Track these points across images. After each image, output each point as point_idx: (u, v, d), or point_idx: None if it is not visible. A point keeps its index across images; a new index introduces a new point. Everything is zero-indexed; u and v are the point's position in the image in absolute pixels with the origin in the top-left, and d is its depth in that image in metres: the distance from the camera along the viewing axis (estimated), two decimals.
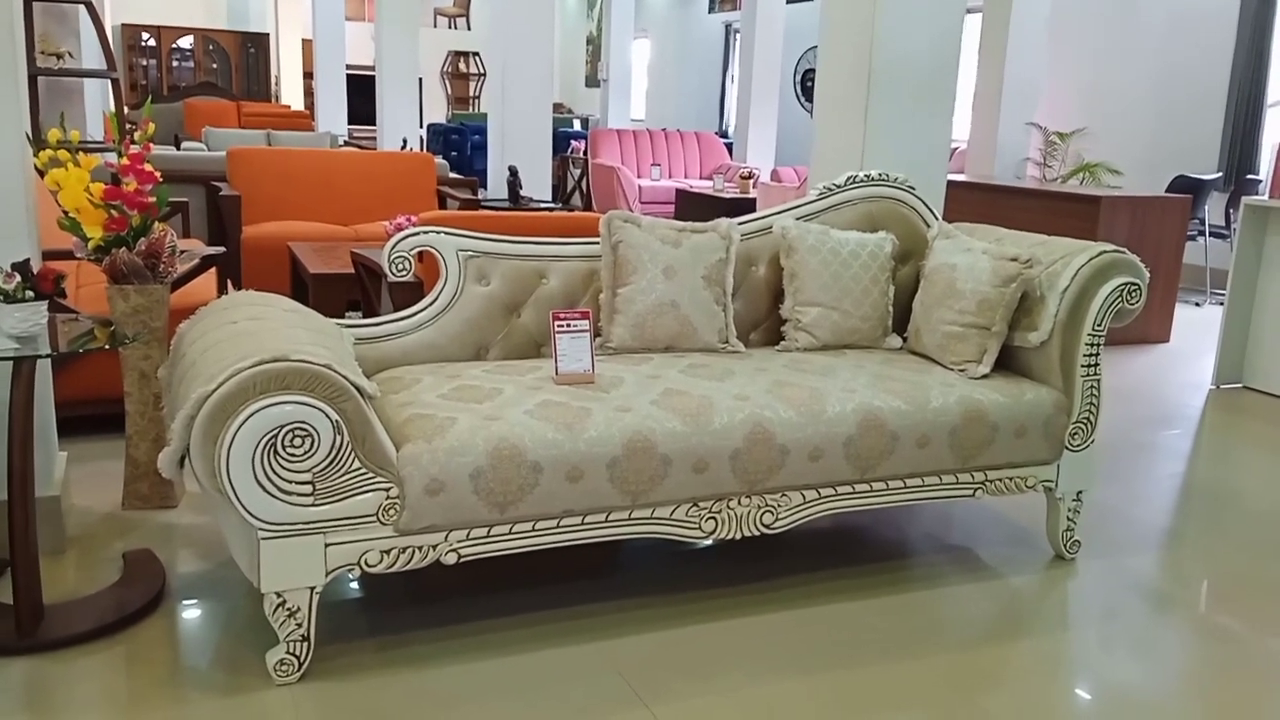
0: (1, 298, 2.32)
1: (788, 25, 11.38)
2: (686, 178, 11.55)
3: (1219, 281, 7.72)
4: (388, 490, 2.25)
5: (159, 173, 2.99)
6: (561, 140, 12.62)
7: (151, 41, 16.45)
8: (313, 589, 2.23)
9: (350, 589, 2.73)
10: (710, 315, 3.04)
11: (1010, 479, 2.95)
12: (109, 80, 7.44)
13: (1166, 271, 6.22)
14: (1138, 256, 3.02)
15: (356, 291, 4.63)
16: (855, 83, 3.85)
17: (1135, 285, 2.95)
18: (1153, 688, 2.45)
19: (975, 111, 8.82)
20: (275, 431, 2.11)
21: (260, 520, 2.15)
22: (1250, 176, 8.04)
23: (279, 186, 6.21)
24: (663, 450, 2.48)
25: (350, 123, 12.53)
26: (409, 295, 3.41)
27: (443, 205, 6.60)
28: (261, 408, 2.09)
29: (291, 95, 16.33)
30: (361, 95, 13.08)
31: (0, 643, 2.34)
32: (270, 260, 5.63)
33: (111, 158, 2.99)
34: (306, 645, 2.27)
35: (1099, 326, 2.93)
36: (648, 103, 17.06)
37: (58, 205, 2.88)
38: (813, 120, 4.13)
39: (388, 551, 2.29)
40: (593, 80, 17.73)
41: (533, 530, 2.43)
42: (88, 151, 2.93)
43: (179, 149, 9.36)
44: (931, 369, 3.00)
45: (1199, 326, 6.76)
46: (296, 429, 2.12)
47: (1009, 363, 3.08)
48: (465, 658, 2.41)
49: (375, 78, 10.09)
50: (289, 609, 2.23)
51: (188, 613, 2.58)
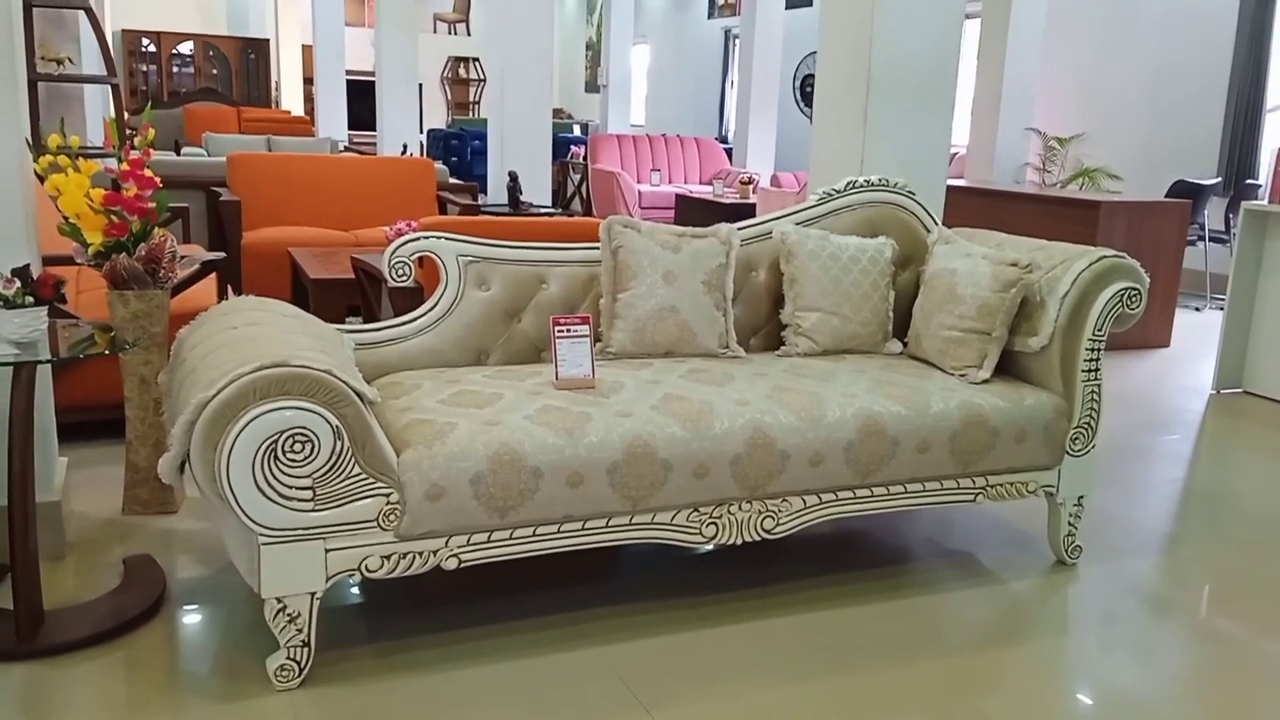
0: (2, 303, 2.32)
1: (787, 30, 11.40)
2: (686, 183, 11.56)
3: (1219, 286, 7.73)
4: (388, 495, 2.25)
5: (159, 178, 2.99)
6: (561, 145, 12.64)
7: (151, 47, 16.47)
8: (313, 594, 2.23)
9: (351, 594, 2.73)
10: (710, 320, 3.04)
11: (1011, 484, 2.95)
12: (109, 86, 7.44)
13: (1166, 276, 6.23)
14: (1137, 261, 3.02)
15: (356, 297, 4.64)
16: (854, 88, 3.86)
17: (1135, 290, 2.95)
18: (1152, 691, 2.45)
19: (974, 116, 8.83)
20: (275, 437, 2.11)
21: (260, 525, 2.15)
22: (1250, 181, 8.05)
23: (279, 192, 6.21)
24: (663, 455, 2.48)
25: (350, 128, 12.55)
26: (409, 300, 3.41)
27: (443, 210, 6.60)
28: (262, 413, 2.09)
29: (291, 101, 16.35)
30: (361, 101, 13.10)
31: (0, 648, 2.34)
32: (270, 265, 5.63)
33: (112, 163, 2.99)
34: (307, 651, 2.27)
35: (1099, 331, 2.93)
36: (647, 108, 17.08)
37: (58, 211, 2.89)
38: (812, 125, 4.14)
39: (388, 557, 2.29)
40: (592, 85, 17.75)
41: (533, 535, 2.43)
42: (88, 157, 2.93)
43: (179, 154, 9.37)
44: (932, 374, 3.00)
45: (1199, 331, 6.76)
46: (297, 434, 2.12)
47: (1009, 368, 3.08)
48: (466, 663, 2.41)
49: (375, 83, 10.10)
50: (289, 614, 2.22)
51: (188, 618, 2.57)
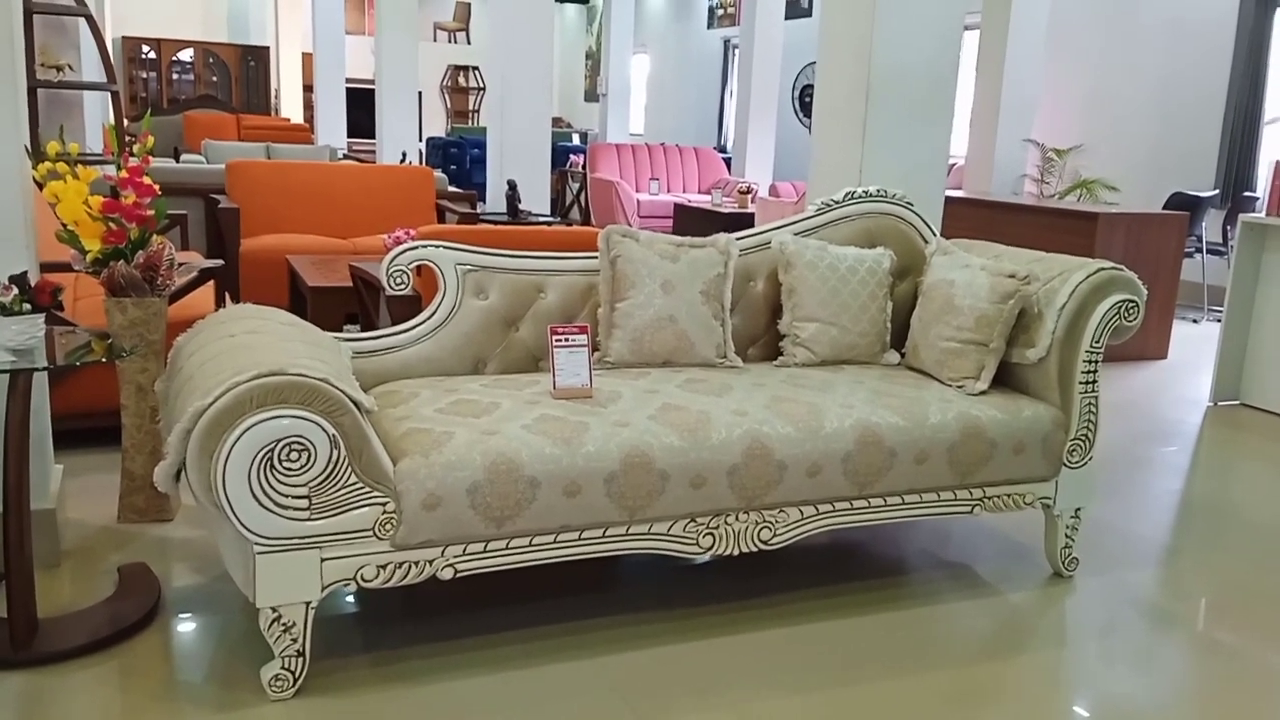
0: None
1: (786, 40, 11.43)
2: (685, 192, 11.57)
3: (1216, 298, 7.74)
4: (384, 505, 2.25)
5: (158, 185, 3.00)
6: (560, 154, 12.65)
7: (152, 54, 16.49)
8: (308, 604, 2.22)
9: (346, 604, 2.72)
10: (708, 330, 3.04)
11: (1008, 496, 2.95)
12: (109, 93, 7.45)
13: (1164, 288, 6.23)
14: (1135, 273, 3.03)
15: (354, 305, 4.63)
16: (853, 98, 3.86)
17: (1133, 302, 2.95)
18: (1151, 703, 2.44)
19: (973, 127, 8.85)
20: (272, 445, 2.11)
21: (256, 535, 2.14)
22: (1247, 193, 8.06)
23: (278, 199, 6.21)
24: (660, 465, 2.48)
25: (349, 136, 12.56)
26: (407, 309, 3.41)
27: (441, 219, 6.61)
28: (258, 422, 2.09)
29: (291, 108, 16.36)
30: (361, 108, 13.12)
31: None
32: (269, 273, 5.63)
33: (110, 170, 2.99)
34: (302, 660, 2.26)
35: (1097, 343, 2.93)
36: (646, 117, 17.11)
37: (56, 218, 2.88)
38: (811, 135, 4.14)
39: (384, 566, 2.28)
40: (592, 95, 17.79)
41: (530, 545, 2.42)
42: (86, 164, 2.94)
43: (178, 161, 9.37)
44: (929, 385, 3.00)
45: (1196, 343, 6.76)
46: (293, 443, 2.12)
47: (1007, 379, 3.08)
48: (462, 674, 2.40)
49: (375, 91, 10.12)
50: (284, 624, 2.22)
51: (183, 627, 2.56)
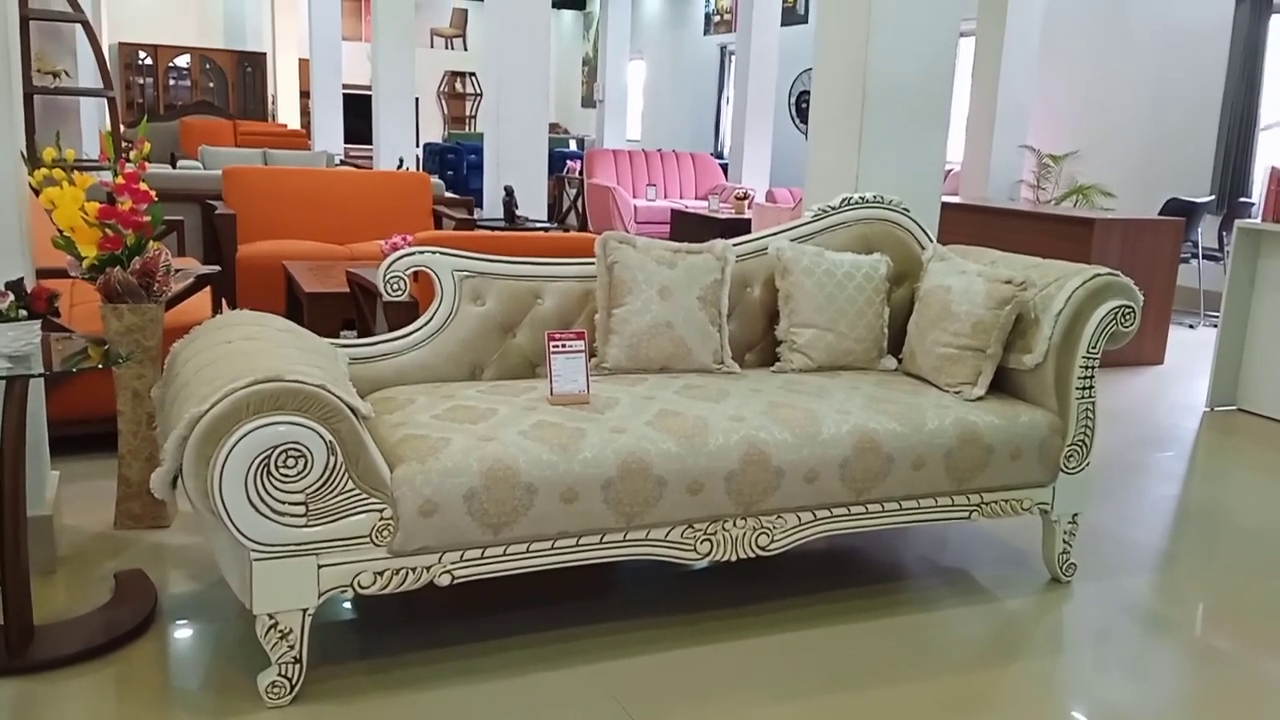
0: None
1: (782, 47, 11.45)
2: (682, 198, 11.58)
3: (1212, 304, 7.75)
4: (381, 511, 2.24)
5: (154, 191, 2.99)
6: (557, 160, 12.67)
7: (148, 60, 16.48)
8: (305, 610, 2.22)
9: (343, 610, 2.72)
10: (705, 336, 3.04)
11: (1006, 501, 2.95)
12: (105, 99, 7.46)
13: (1160, 294, 6.24)
14: (1131, 279, 3.03)
15: (351, 311, 4.63)
16: (850, 105, 3.87)
17: (1129, 308, 2.96)
18: (1148, 710, 2.44)
19: (969, 133, 8.86)
20: (269, 452, 2.10)
21: (253, 541, 2.14)
22: (1243, 199, 8.08)
23: (274, 205, 6.21)
24: (657, 471, 2.48)
25: (346, 142, 12.55)
26: (404, 315, 3.41)
27: (438, 225, 6.61)
28: (255, 428, 2.09)
29: (288, 114, 16.36)
30: (358, 114, 13.10)
31: None
32: (265, 279, 5.63)
33: (107, 176, 2.99)
34: (299, 667, 2.25)
35: (1093, 349, 2.93)
36: (643, 123, 17.13)
37: (52, 224, 2.88)
38: (807, 142, 4.15)
39: (381, 573, 2.28)
40: (588, 101, 17.81)
41: (527, 552, 2.42)
42: (83, 170, 2.93)
43: (175, 167, 9.37)
44: (926, 391, 3.00)
45: (1193, 348, 6.77)
46: (290, 449, 2.12)
47: (1004, 385, 3.08)
48: (459, 680, 2.39)
49: (371, 97, 10.12)
50: (281, 630, 2.21)
51: (179, 634, 2.56)
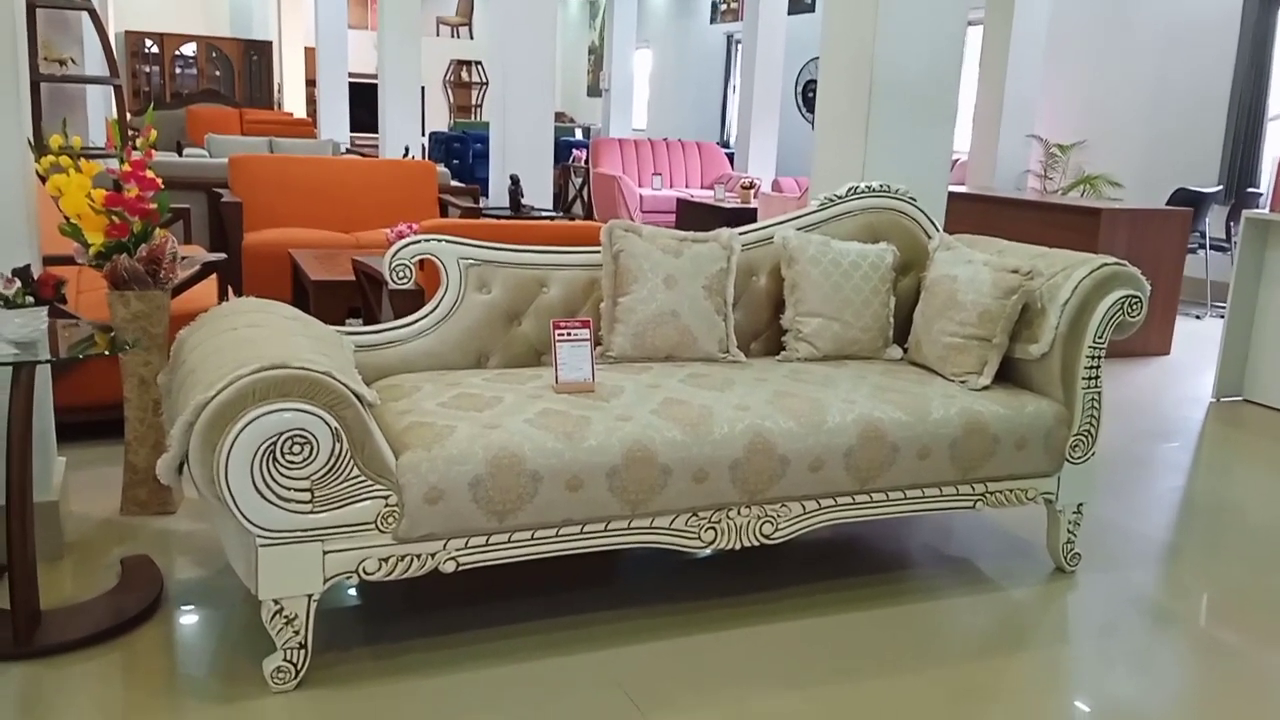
0: (2, 303, 2.32)
1: (789, 36, 11.41)
2: (688, 187, 11.57)
3: (1219, 294, 7.73)
4: (386, 498, 2.25)
5: (160, 179, 2.99)
6: (563, 149, 12.65)
7: (154, 48, 16.48)
8: (310, 596, 2.23)
9: (348, 596, 2.73)
10: (711, 325, 3.04)
11: (1010, 491, 2.95)
12: (111, 87, 7.45)
13: (1167, 284, 6.22)
14: (1138, 269, 3.02)
15: (357, 299, 4.64)
16: (856, 94, 3.86)
17: (1136, 298, 2.95)
18: (1152, 702, 2.44)
19: (976, 123, 8.83)
20: (274, 438, 2.11)
21: (258, 527, 2.15)
22: (1251, 189, 8.05)
23: (281, 194, 6.21)
24: (662, 460, 2.48)
25: (352, 130, 12.55)
26: (410, 303, 3.41)
27: (444, 213, 6.61)
28: (261, 415, 2.09)
29: (294, 103, 16.36)
30: (364, 103, 13.13)
31: None
32: (271, 267, 5.63)
33: (113, 164, 2.99)
34: (304, 653, 2.26)
35: (1100, 339, 2.92)
36: (649, 112, 17.10)
37: (59, 211, 2.89)
38: (814, 131, 4.14)
39: (386, 559, 2.28)
40: (594, 90, 17.77)
41: (532, 539, 2.42)
42: (89, 158, 2.93)
43: (181, 155, 9.37)
44: (932, 380, 3.00)
45: (1199, 339, 6.76)
46: (296, 436, 2.12)
47: (1010, 375, 3.07)
48: (463, 667, 2.40)
49: (378, 86, 10.11)
50: (286, 616, 2.22)
51: (185, 619, 2.57)
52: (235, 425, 2.08)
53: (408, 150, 9.77)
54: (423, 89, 12.19)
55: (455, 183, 7.42)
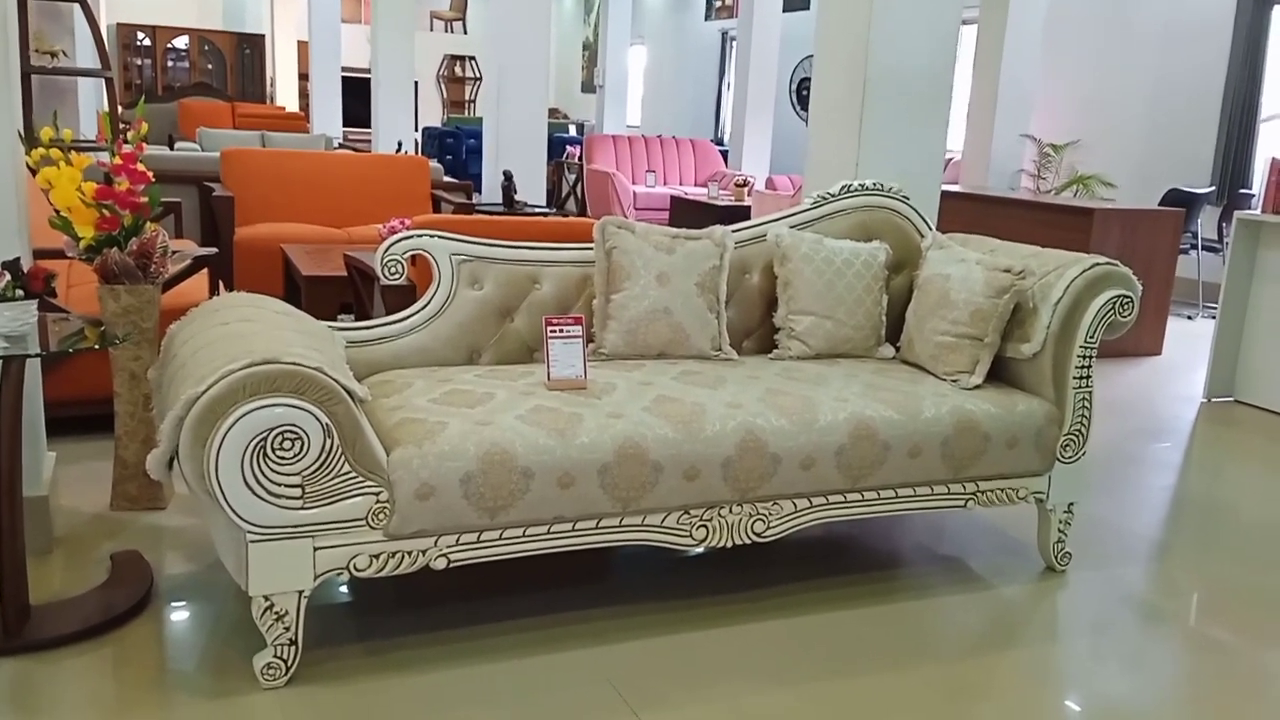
0: None
1: (784, 33, 11.40)
2: (681, 184, 11.56)
3: (1211, 295, 7.75)
4: (377, 494, 2.24)
5: (152, 173, 2.98)
6: (557, 145, 12.63)
7: (146, 41, 16.42)
8: (301, 592, 2.22)
9: (339, 593, 2.72)
10: (703, 322, 3.04)
11: (1001, 490, 2.95)
12: (103, 79, 7.42)
13: (1159, 284, 6.24)
14: (1130, 269, 3.03)
15: (349, 294, 4.62)
16: (850, 92, 3.86)
17: (1128, 298, 2.95)
18: (1143, 699, 2.45)
19: (970, 122, 8.84)
20: (265, 434, 2.10)
21: (249, 523, 2.14)
22: (1243, 190, 8.07)
23: (273, 188, 6.19)
24: (654, 457, 2.48)
25: (345, 125, 12.51)
26: (401, 299, 3.40)
27: (437, 209, 6.59)
28: (251, 410, 2.08)
29: (286, 97, 16.30)
30: (357, 98, 13.06)
31: None
32: (263, 262, 5.61)
33: (104, 157, 2.98)
34: (294, 649, 2.26)
35: (1091, 338, 2.93)
36: (643, 109, 17.07)
37: (49, 204, 2.87)
38: (808, 131, 4.14)
39: (377, 556, 2.28)
40: (589, 86, 17.75)
41: (523, 536, 2.42)
42: (80, 151, 2.92)
43: (173, 149, 9.34)
44: (924, 379, 3.00)
45: (1191, 339, 6.78)
46: (286, 432, 2.11)
47: (1001, 374, 3.08)
48: (454, 663, 2.40)
49: (371, 80, 10.08)
50: (277, 612, 2.21)
51: (175, 615, 2.56)
52: (226, 420, 2.08)
53: (400, 145, 9.75)
54: (416, 84, 12.16)
55: (448, 178, 7.41)
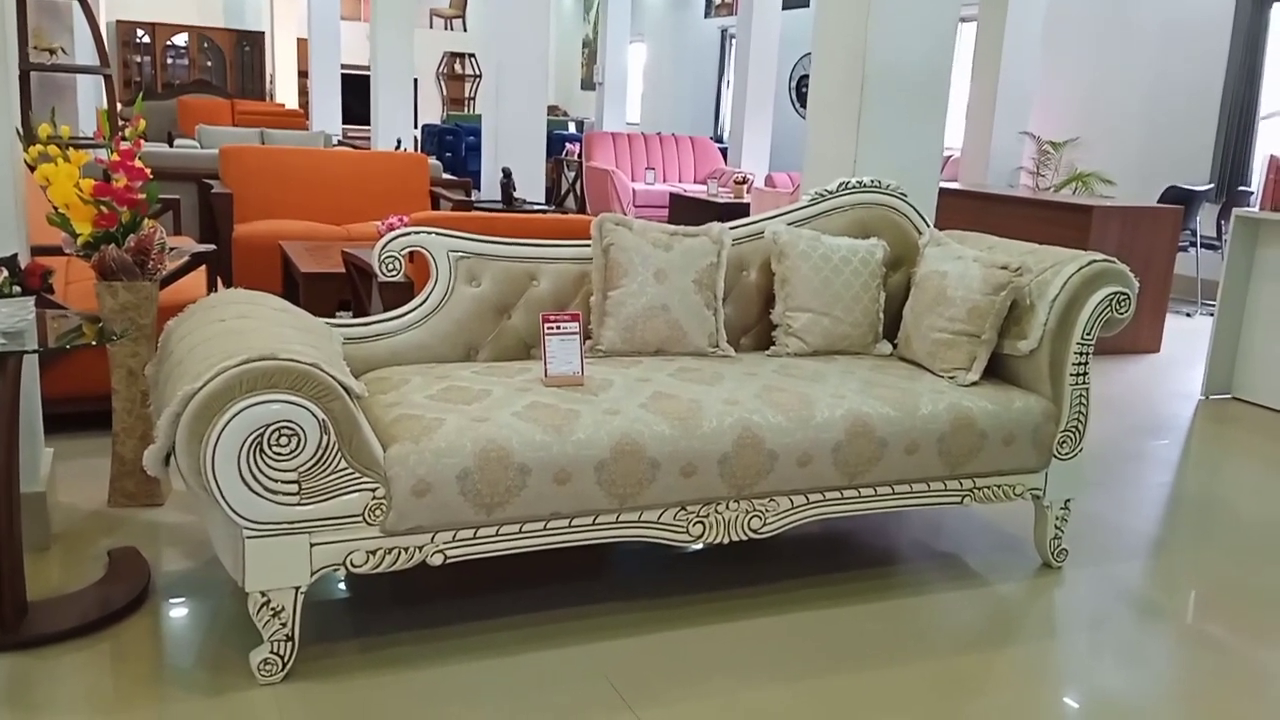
0: None
1: (783, 31, 11.39)
2: (681, 182, 11.55)
3: (1210, 292, 7.75)
4: (374, 491, 2.25)
5: (150, 169, 2.98)
6: (556, 143, 12.62)
7: (146, 38, 16.41)
8: (297, 589, 2.23)
9: (336, 589, 2.72)
10: (701, 319, 3.04)
11: (998, 487, 2.96)
12: (102, 76, 7.42)
13: (1157, 281, 6.24)
14: (1128, 266, 3.03)
15: (347, 291, 4.63)
16: (848, 89, 3.86)
17: (1124, 295, 2.96)
18: (1139, 696, 2.45)
19: (969, 119, 8.84)
20: (261, 430, 2.10)
21: (245, 519, 2.14)
22: (1242, 188, 8.06)
23: (272, 185, 6.20)
24: (651, 454, 2.48)
25: (345, 122, 12.51)
26: (399, 295, 3.41)
27: (436, 206, 6.60)
28: (248, 406, 2.09)
29: (286, 94, 16.29)
30: (356, 95, 13.05)
31: None
32: (262, 259, 5.62)
33: (103, 154, 2.98)
34: (291, 645, 2.26)
35: (1088, 335, 2.93)
36: (643, 106, 17.05)
37: (47, 201, 2.87)
38: (806, 127, 4.13)
39: (373, 552, 2.28)
40: (588, 83, 17.74)
41: (520, 532, 2.42)
42: (79, 147, 2.92)
43: (172, 146, 9.33)
44: (921, 376, 3.00)
45: (1189, 337, 6.78)
46: (283, 428, 2.12)
47: (998, 370, 3.08)
48: (451, 659, 2.40)
49: (370, 77, 10.08)
50: (273, 608, 2.22)
51: (172, 611, 2.56)
52: (222, 417, 2.08)
53: (400, 143, 9.75)
54: (415, 81, 12.16)
55: (447, 176, 7.41)
